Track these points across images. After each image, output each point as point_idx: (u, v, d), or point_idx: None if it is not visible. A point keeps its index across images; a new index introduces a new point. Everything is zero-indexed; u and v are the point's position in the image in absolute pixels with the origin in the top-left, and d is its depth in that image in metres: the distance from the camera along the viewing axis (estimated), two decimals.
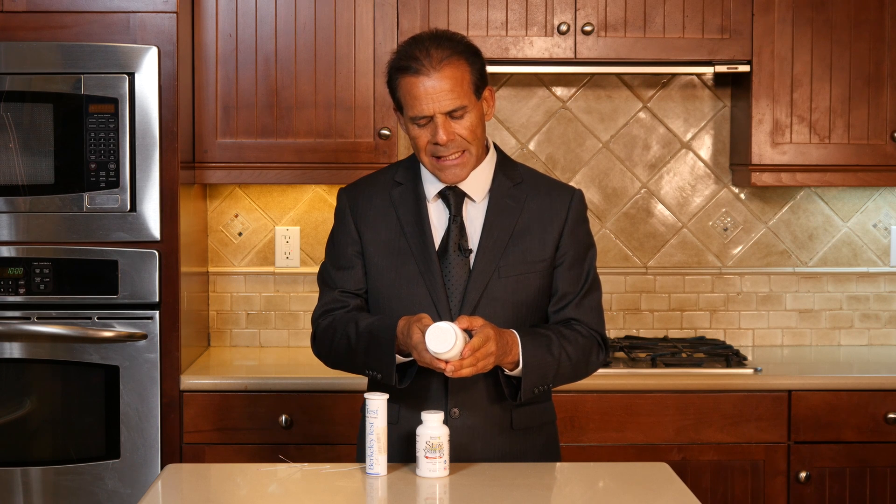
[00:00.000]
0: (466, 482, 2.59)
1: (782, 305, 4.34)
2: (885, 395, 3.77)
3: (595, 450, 3.73)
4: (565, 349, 2.71)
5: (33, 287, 3.67)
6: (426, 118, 2.66)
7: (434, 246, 2.74)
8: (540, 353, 2.68)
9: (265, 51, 3.93)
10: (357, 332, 2.72)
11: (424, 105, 2.65)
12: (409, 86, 2.66)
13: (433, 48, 2.65)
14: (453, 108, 2.65)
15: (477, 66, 2.70)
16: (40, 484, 3.68)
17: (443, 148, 2.67)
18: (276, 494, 2.57)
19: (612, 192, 4.32)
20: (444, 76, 2.64)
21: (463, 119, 2.67)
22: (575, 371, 2.76)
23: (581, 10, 3.95)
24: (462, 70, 2.66)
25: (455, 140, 2.67)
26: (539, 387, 2.70)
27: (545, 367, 2.68)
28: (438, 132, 2.65)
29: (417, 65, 2.64)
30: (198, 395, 3.73)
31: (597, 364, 2.81)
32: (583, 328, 2.78)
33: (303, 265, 4.28)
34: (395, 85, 2.70)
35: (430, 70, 2.64)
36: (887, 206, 4.32)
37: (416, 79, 2.64)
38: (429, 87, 2.64)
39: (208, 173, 3.95)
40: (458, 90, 2.65)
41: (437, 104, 2.64)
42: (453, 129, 2.67)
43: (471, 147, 2.70)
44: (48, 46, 3.66)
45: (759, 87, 3.96)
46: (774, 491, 3.76)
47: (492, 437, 2.75)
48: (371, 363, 2.70)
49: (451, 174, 2.72)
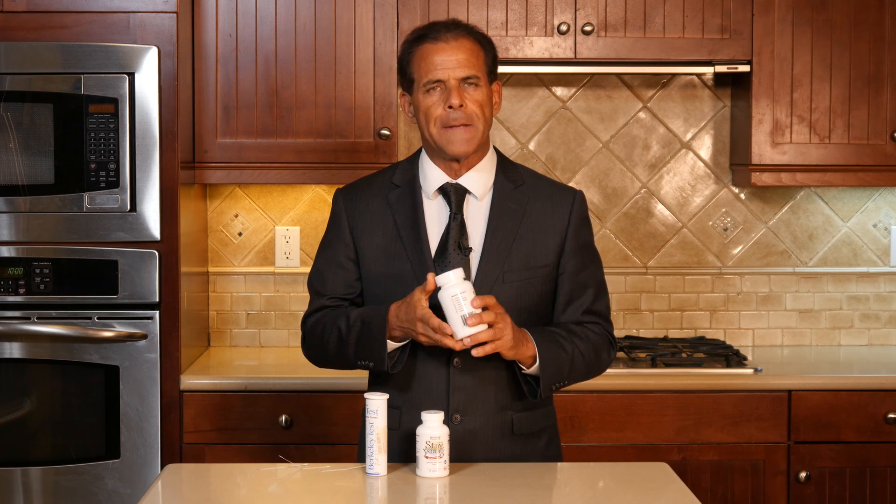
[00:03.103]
0: (466, 482, 2.59)
1: (782, 305, 4.34)
2: (885, 395, 3.77)
3: (595, 450, 3.73)
4: (577, 346, 2.73)
5: (33, 287, 3.67)
6: (440, 83, 2.69)
7: (430, 249, 2.74)
8: (554, 349, 2.69)
9: (265, 51, 3.93)
10: (348, 323, 2.73)
11: (440, 69, 2.69)
12: (425, 52, 2.71)
13: (452, 26, 2.73)
14: (467, 74, 2.70)
15: (490, 52, 2.77)
16: (40, 484, 3.68)
17: (454, 113, 2.69)
18: (276, 494, 2.57)
19: (612, 192, 4.32)
20: (462, 46, 2.71)
21: (475, 91, 2.71)
22: (588, 368, 2.76)
23: (581, 10, 3.95)
24: (477, 47, 2.73)
25: (466, 109, 2.69)
26: (556, 383, 2.71)
27: (560, 363, 2.69)
28: (452, 95, 2.68)
29: (436, 33, 2.71)
30: (198, 395, 3.73)
31: (608, 362, 2.82)
32: (593, 327, 2.79)
33: (303, 265, 4.28)
34: (408, 58, 2.74)
35: (449, 38, 2.70)
36: (887, 206, 4.32)
37: (434, 45, 2.70)
38: (446, 54, 2.69)
39: (208, 173, 3.95)
40: (473, 61, 2.71)
41: (452, 69, 2.69)
42: (465, 97, 2.69)
43: (478, 122, 2.72)
44: (48, 46, 3.66)
45: (759, 87, 3.96)
46: (774, 491, 3.76)
47: (493, 443, 2.75)
48: (362, 352, 2.70)
49: (459, 143, 2.71)
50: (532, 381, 2.71)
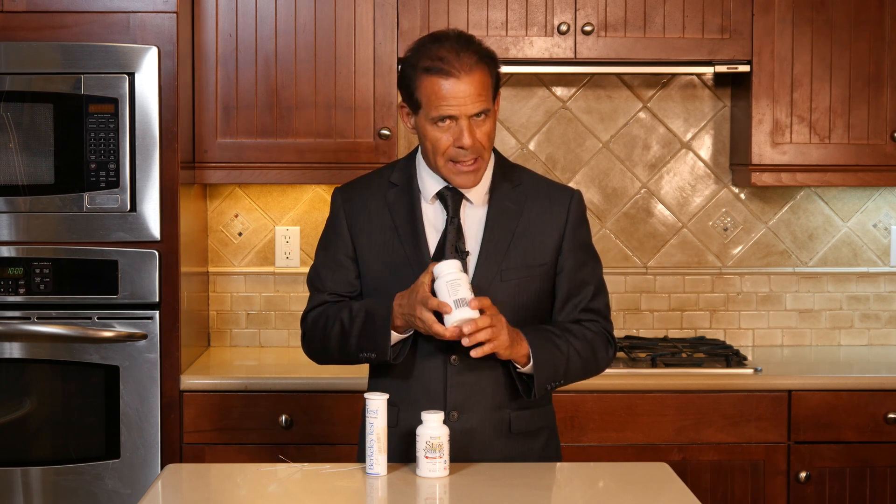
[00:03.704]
0: (466, 482, 2.59)
1: (782, 305, 4.34)
2: (885, 395, 3.77)
3: (595, 450, 3.73)
4: (573, 344, 2.73)
5: (33, 287, 3.67)
6: (451, 119, 2.66)
7: (428, 248, 2.74)
8: (549, 348, 2.69)
9: (265, 51, 3.93)
10: (351, 314, 2.73)
11: (453, 106, 2.64)
12: (436, 86, 2.64)
13: (462, 51, 2.65)
14: (479, 110, 2.65)
15: (495, 72, 2.72)
16: (40, 484, 3.68)
17: (464, 152, 2.66)
18: (276, 494, 2.58)
19: (612, 192, 4.32)
20: (475, 80, 2.64)
21: (485, 123, 2.67)
22: (585, 367, 2.76)
23: (581, 10, 3.95)
24: (486, 75, 2.67)
25: (475, 145, 2.67)
26: (552, 383, 2.71)
27: (555, 362, 2.69)
28: (464, 135, 2.64)
29: (448, 66, 2.63)
30: (198, 395, 3.73)
31: (606, 361, 2.82)
32: (591, 325, 2.79)
33: (303, 265, 4.28)
34: (415, 84, 2.67)
35: (461, 73, 2.63)
36: (887, 206, 4.32)
37: (447, 80, 2.63)
38: (459, 90, 2.63)
39: (208, 173, 3.95)
40: (485, 94, 2.66)
41: (465, 107, 2.64)
42: (475, 133, 2.66)
43: (485, 153, 2.70)
44: (48, 46, 3.66)
45: (759, 87, 3.96)
46: (774, 491, 3.76)
47: (490, 441, 2.75)
48: (365, 343, 2.70)
49: (466, 179, 2.71)
50: (527, 380, 2.72)
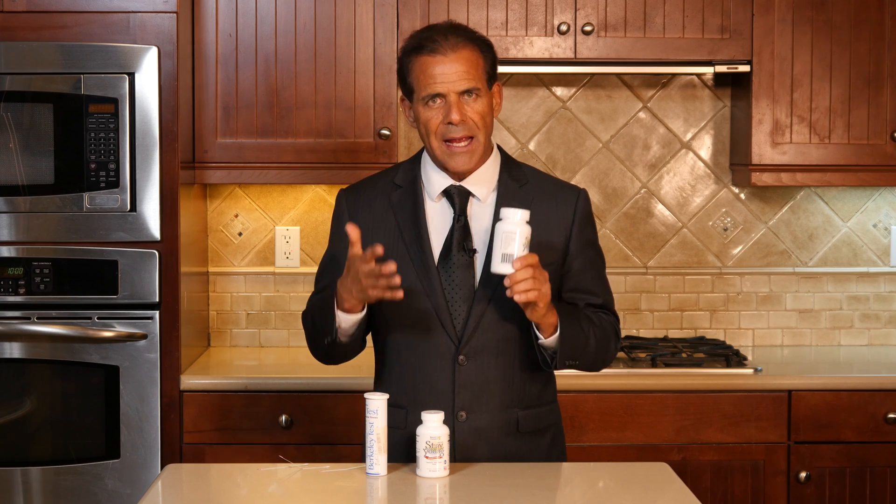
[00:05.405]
0: (466, 482, 2.59)
1: (782, 305, 4.34)
2: (885, 395, 3.77)
3: (595, 450, 3.73)
4: (593, 328, 2.76)
5: (33, 287, 3.67)
6: (440, 97, 2.68)
7: (431, 248, 2.74)
8: (573, 323, 2.71)
9: (265, 51, 3.93)
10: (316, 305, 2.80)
11: (439, 83, 2.67)
12: (424, 65, 2.69)
13: (450, 33, 2.70)
14: (467, 87, 2.68)
15: (489, 57, 2.75)
16: (40, 484, 3.68)
17: (454, 128, 2.68)
18: (276, 494, 2.58)
19: (612, 192, 4.32)
20: (461, 57, 2.68)
21: (476, 103, 2.70)
22: (598, 352, 2.78)
23: (581, 10, 3.95)
24: (476, 55, 2.71)
25: (466, 122, 2.69)
26: (571, 359, 2.72)
27: (577, 339, 2.71)
28: (452, 111, 2.67)
29: (434, 45, 2.68)
30: (198, 395, 3.73)
31: (614, 353, 2.84)
32: (604, 315, 2.82)
33: (303, 265, 4.28)
34: (407, 68, 2.72)
35: (447, 50, 2.68)
36: (887, 206, 4.32)
37: (433, 57, 2.68)
38: (445, 66, 2.67)
39: (208, 173, 3.95)
40: (473, 72, 2.69)
41: (451, 83, 2.67)
42: (465, 110, 2.68)
43: (479, 134, 2.71)
44: (48, 46, 3.66)
45: (759, 87, 3.96)
46: (774, 491, 3.76)
47: (498, 440, 2.76)
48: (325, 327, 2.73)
49: (461, 160, 2.72)
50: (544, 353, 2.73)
